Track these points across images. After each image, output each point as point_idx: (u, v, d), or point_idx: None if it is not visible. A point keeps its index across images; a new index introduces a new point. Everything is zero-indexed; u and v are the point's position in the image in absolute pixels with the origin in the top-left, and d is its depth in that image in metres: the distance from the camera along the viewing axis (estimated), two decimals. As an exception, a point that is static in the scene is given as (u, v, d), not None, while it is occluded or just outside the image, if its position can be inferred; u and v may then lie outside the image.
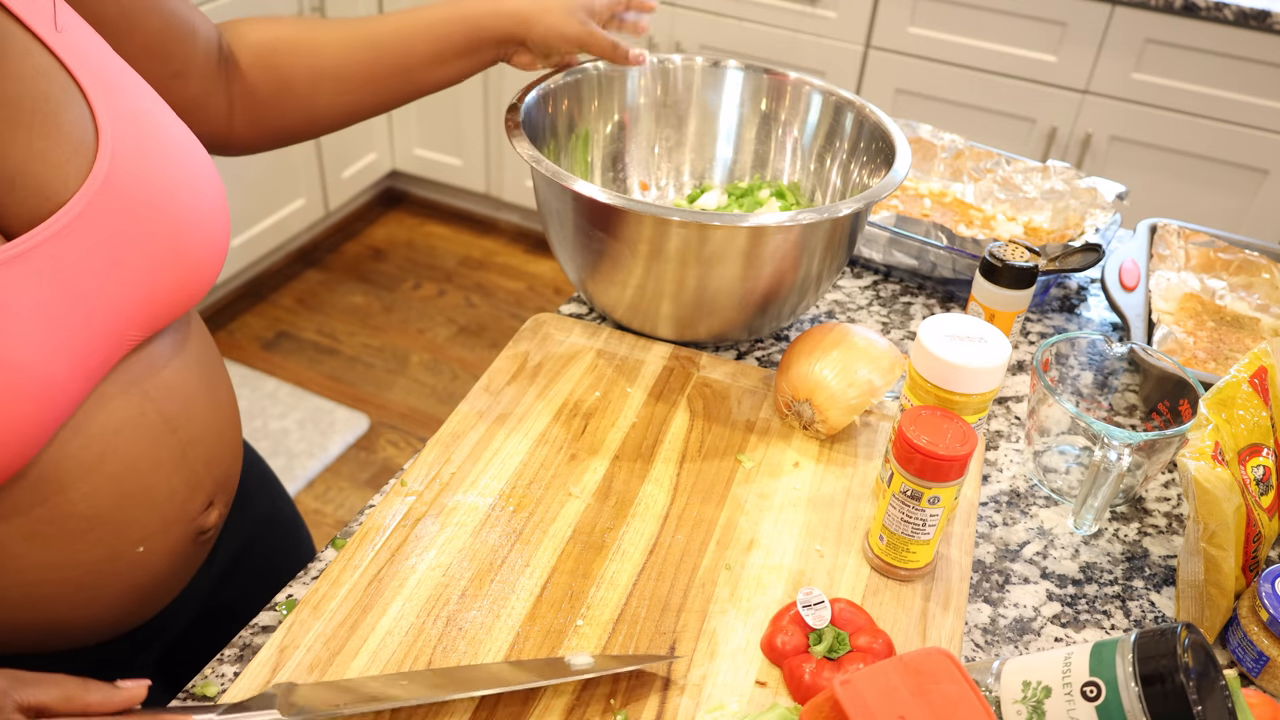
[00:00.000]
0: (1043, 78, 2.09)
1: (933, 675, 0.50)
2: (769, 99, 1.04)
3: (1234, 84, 1.95)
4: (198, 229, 0.59)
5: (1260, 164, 2.00)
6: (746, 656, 0.65)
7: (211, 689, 0.62)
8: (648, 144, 1.07)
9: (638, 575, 0.70)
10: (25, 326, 0.50)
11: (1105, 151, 2.11)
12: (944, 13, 2.11)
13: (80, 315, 0.53)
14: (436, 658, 0.63)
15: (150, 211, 0.56)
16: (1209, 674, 0.50)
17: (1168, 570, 0.77)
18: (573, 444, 0.80)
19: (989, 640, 0.70)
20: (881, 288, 1.09)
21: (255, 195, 2.43)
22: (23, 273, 0.50)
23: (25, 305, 0.50)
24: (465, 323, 2.59)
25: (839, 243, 0.87)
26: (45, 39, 0.55)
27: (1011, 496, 0.83)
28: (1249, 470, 0.72)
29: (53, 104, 0.53)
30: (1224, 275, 1.10)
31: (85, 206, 0.53)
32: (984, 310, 0.89)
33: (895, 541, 0.69)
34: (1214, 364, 0.98)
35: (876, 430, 0.84)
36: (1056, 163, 1.18)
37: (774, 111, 1.05)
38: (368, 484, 2.10)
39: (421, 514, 0.73)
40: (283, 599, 0.69)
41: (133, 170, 0.56)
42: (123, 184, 0.55)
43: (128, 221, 0.55)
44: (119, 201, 0.55)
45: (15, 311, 0.50)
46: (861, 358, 0.80)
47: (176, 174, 0.58)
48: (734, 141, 1.07)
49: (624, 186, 1.07)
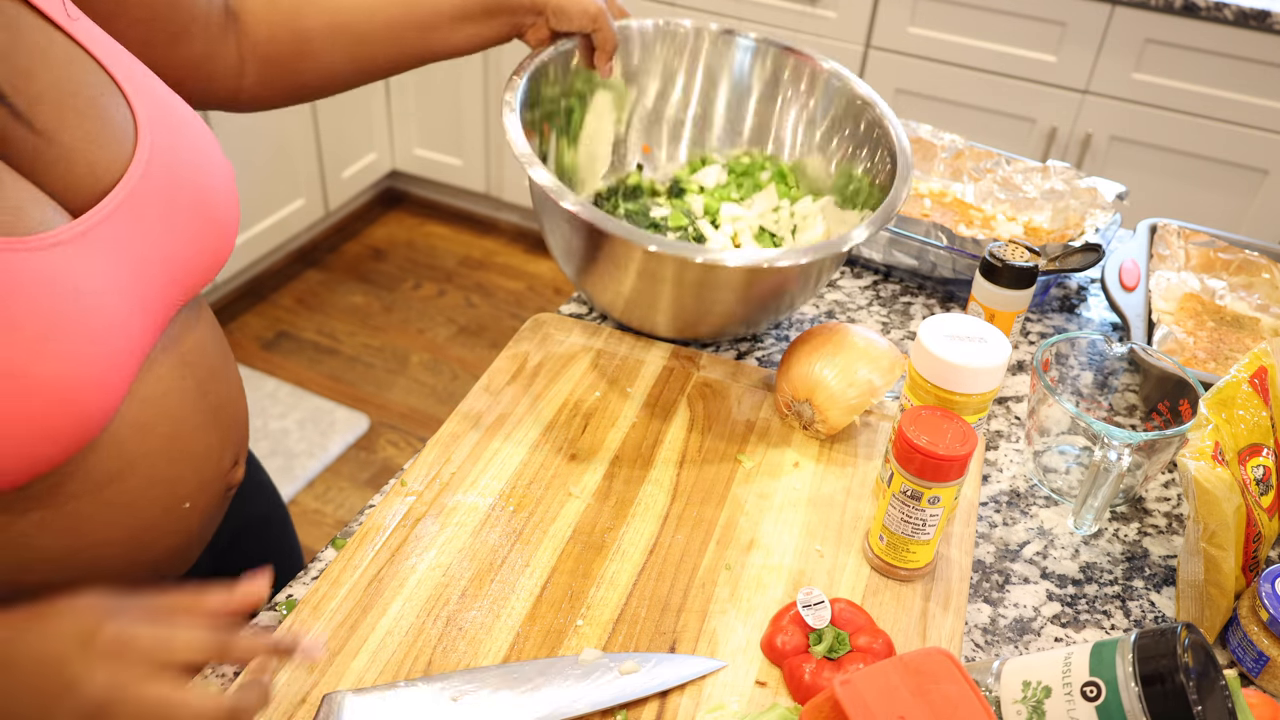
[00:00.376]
0: (1043, 78, 2.09)
1: (933, 675, 0.50)
2: (779, 71, 1.02)
3: (1234, 84, 1.95)
4: (220, 198, 0.63)
5: (1260, 164, 2.00)
6: (746, 656, 0.65)
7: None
8: (652, 105, 1.04)
9: (638, 575, 0.70)
10: (107, 290, 0.54)
11: (1105, 151, 2.11)
12: (944, 13, 2.11)
13: (143, 280, 0.57)
14: (436, 658, 0.63)
15: (184, 183, 0.60)
16: (1209, 674, 0.50)
17: (1168, 570, 0.77)
18: (573, 444, 0.80)
19: (989, 640, 0.70)
20: (881, 288, 1.09)
21: (255, 195, 2.43)
22: (98, 243, 0.54)
23: (104, 273, 0.54)
24: (465, 323, 2.59)
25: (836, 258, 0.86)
26: (65, 27, 0.57)
27: (1011, 496, 0.83)
28: (1249, 470, 0.72)
29: (90, 88, 0.56)
30: (1224, 275, 1.09)
31: (137, 182, 0.56)
32: (984, 310, 0.89)
33: (895, 541, 0.69)
34: (1214, 364, 0.98)
35: (876, 430, 0.84)
36: (1056, 163, 1.18)
37: (783, 85, 1.02)
38: (368, 484, 2.10)
39: (421, 514, 0.73)
40: (283, 599, 0.69)
41: (166, 145, 0.59)
42: (162, 159, 0.58)
43: (170, 192, 0.58)
44: (161, 176, 0.58)
45: (99, 277, 0.53)
46: (861, 358, 0.80)
47: (198, 146, 0.62)
48: (739, 109, 1.05)
49: (625, 148, 1.05)
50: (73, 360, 0.51)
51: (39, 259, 0.50)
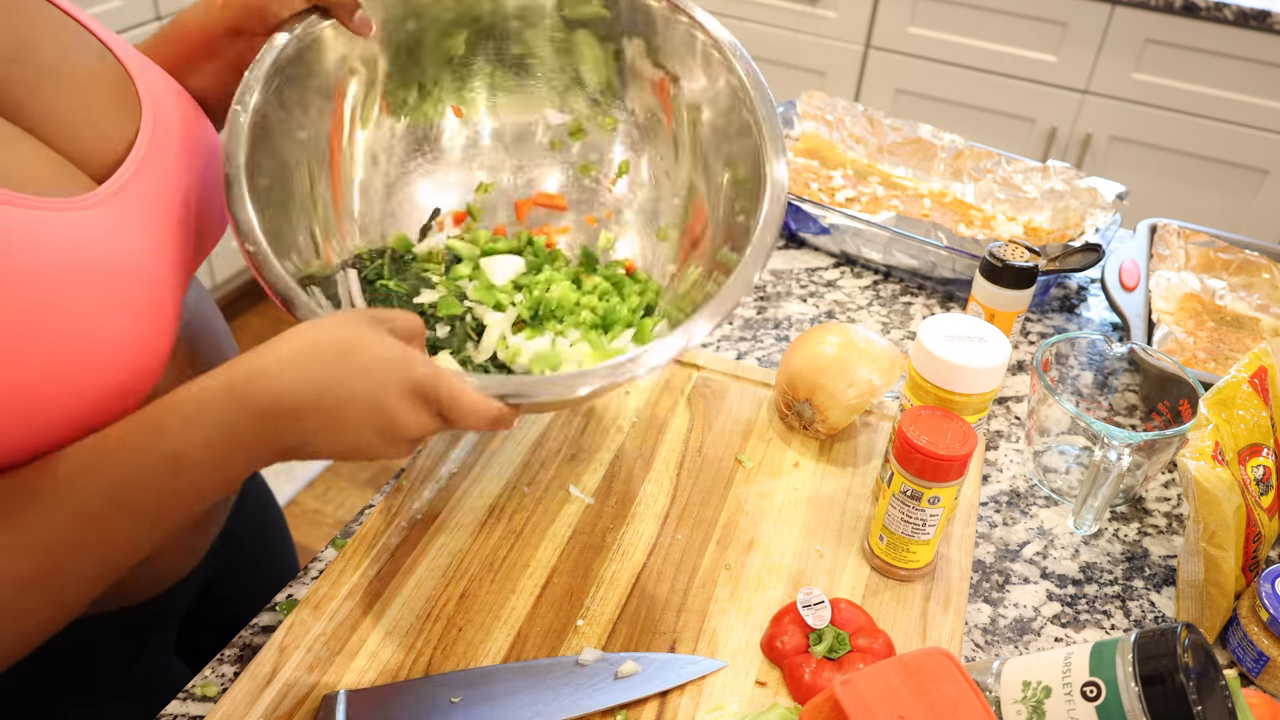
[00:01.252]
0: (1043, 78, 2.09)
1: (933, 675, 0.50)
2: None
3: (1234, 84, 1.95)
4: (212, 161, 0.63)
5: (1260, 164, 2.00)
6: (746, 656, 0.65)
7: (212, 689, 0.62)
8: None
9: (638, 575, 0.70)
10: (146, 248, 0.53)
11: (1105, 151, 2.11)
12: (944, 13, 2.11)
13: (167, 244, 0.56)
14: (436, 658, 0.63)
15: (185, 146, 0.60)
16: (1209, 674, 0.50)
17: (1168, 570, 0.77)
18: (573, 444, 0.80)
19: (989, 640, 0.70)
20: (881, 288, 1.09)
21: (255, 195, 2.42)
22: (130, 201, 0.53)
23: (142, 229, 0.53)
24: (465, 323, 2.59)
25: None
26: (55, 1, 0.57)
27: (1011, 496, 0.83)
28: (1249, 470, 0.72)
29: (88, 55, 0.56)
30: (1224, 275, 1.10)
31: (148, 147, 0.56)
32: (984, 310, 0.89)
33: (895, 541, 0.69)
34: (1214, 364, 0.98)
35: (876, 430, 0.84)
36: (1056, 163, 1.18)
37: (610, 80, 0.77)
38: (368, 484, 2.10)
39: (422, 514, 0.73)
40: (282, 599, 0.69)
41: (165, 107, 0.59)
42: (164, 124, 0.58)
43: (175, 158, 0.58)
44: (166, 140, 0.58)
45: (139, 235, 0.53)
46: (861, 358, 0.80)
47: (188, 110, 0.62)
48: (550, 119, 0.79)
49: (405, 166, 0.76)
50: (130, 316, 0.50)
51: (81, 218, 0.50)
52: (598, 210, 0.80)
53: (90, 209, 0.50)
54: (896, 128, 1.27)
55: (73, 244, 0.48)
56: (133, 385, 0.51)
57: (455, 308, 0.71)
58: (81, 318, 0.47)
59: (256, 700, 0.59)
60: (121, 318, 0.50)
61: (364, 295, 0.69)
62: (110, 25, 0.75)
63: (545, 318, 0.72)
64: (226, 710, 0.59)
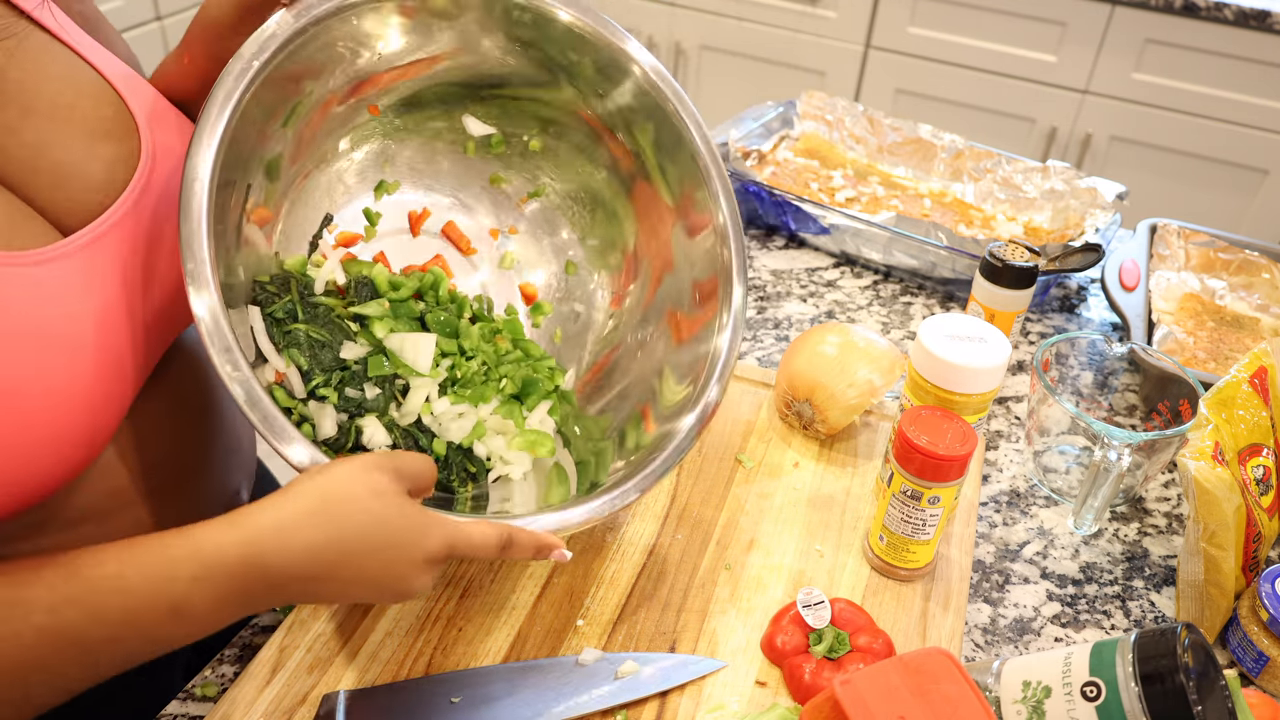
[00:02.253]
0: (1043, 78, 2.09)
1: (933, 675, 0.50)
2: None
3: (1234, 84, 1.95)
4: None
5: (1260, 164, 2.00)
6: (746, 656, 0.65)
7: (211, 689, 0.62)
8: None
9: (638, 575, 0.70)
10: (95, 311, 0.52)
11: (1105, 151, 2.11)
12: (944, 13, 2.11)
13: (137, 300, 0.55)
14: (436, 658, 0.63)
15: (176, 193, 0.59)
16: (1209, 674, 0.50)
17: (1168, 570, 0.77)
18: (573, 444, 0.80)
19: (989, 640, 0.70)
20: (881, 288, 1.09)
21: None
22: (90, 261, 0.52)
23: (95, 291, 0.52)
24: (465, 323, 2.59)
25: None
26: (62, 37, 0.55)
27: (1011, 496, 0.83)
28: (1249, 470, 0.72)
29: (89, 99, 0.55)
30: (1224, 275, 1.10)
31: (140, 193, 0.55)
32: (984, 310, 0.89)
33: (895, 541, 0.69)
34: (1214, 364, 0.98)
35: (876, 430, 0.84)
36: (1056, 163, 1.18)
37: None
38: (368, 484, 2.10)
39: (421, 514, 0.73)
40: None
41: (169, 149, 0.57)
42: (165, 168, 0.57)
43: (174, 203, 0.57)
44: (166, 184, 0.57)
45: (90, 296, 0.51)
46: (861, 358, 0.80)
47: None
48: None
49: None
50: (65, 377, 0.49)
51: (27, 275, 0.49)
52: (502, 222, 0.79)
53: (44, 264, 0.49)
54: (896, 128, 1.27)
55: (8, 304, 0.47)
56: (63, 451, 0.50)
57: (384, 368, 0.67)
58: (8, 379, 0.47)
59: (256, 700, 0.59)
60: (58, 379, 0.49)
61: (269, 338, 0.64)
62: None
63: (465, 384, 0.71)
64: (226, 710, 0.58)
